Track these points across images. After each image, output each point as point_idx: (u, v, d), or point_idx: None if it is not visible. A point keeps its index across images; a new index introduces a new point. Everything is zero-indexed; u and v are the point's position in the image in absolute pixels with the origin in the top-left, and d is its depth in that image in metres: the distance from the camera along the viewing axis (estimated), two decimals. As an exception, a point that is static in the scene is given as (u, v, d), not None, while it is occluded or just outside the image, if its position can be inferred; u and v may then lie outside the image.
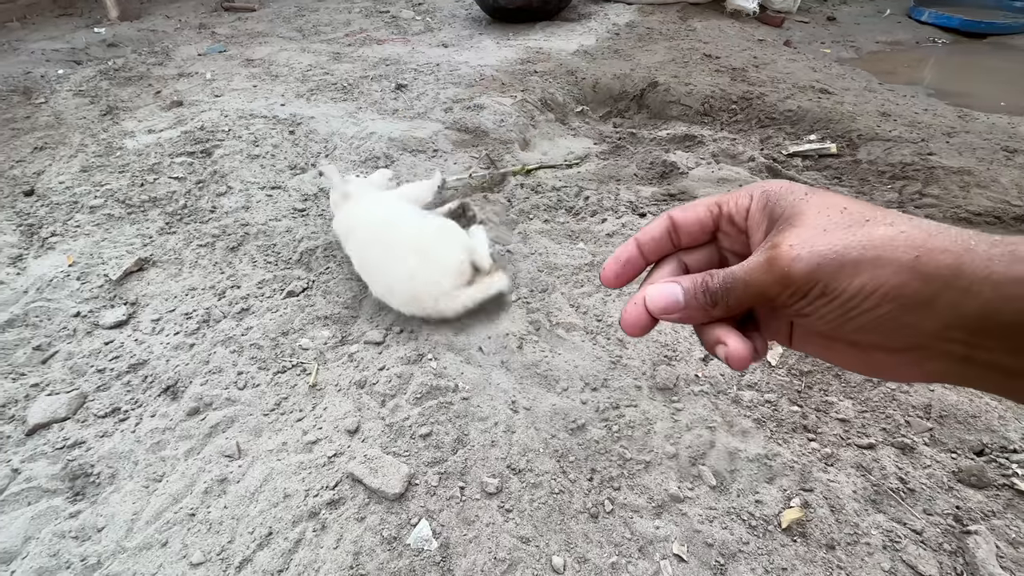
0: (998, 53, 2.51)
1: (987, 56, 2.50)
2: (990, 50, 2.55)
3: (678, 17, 2.83)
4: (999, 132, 1.60)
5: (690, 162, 1.63)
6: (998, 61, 2.43)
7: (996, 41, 2.62)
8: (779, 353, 0.95)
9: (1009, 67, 2.36)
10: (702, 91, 1.97)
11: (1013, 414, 0.81)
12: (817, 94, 1.88)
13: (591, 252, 1.23)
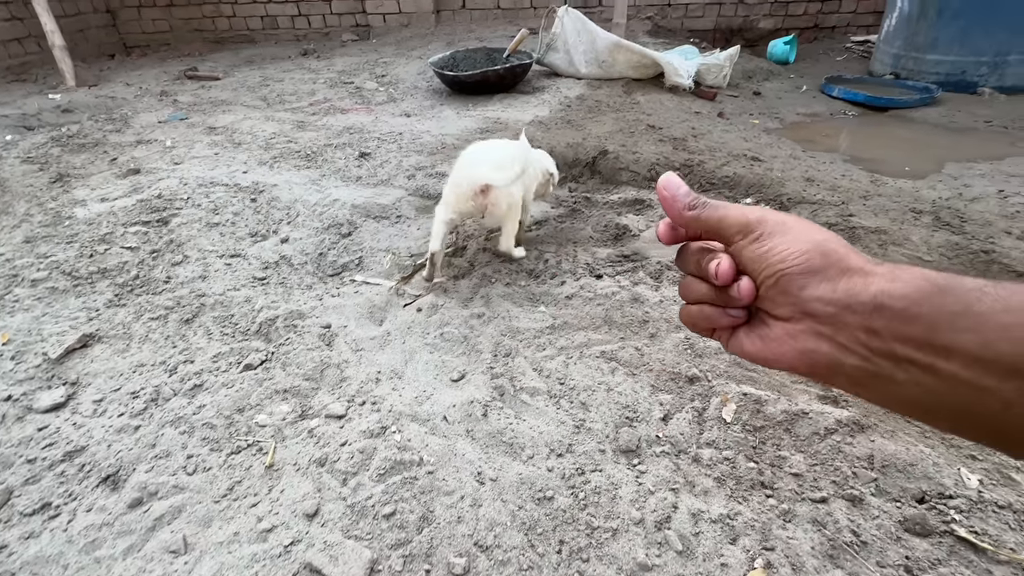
0: (899, 124, 2.87)
1: (891, 126, 2.85)
2: (892, 121, 2.91)
3: (623, 91, 3.10)
4: (906, 195, 1.80)
5: (640, 224, 1.74)
6: (900, 131, 2.77)
7: (896, 114, 2.99)
8: (733, 410, 0.99)
9: (910, 136, 2.69)
10: (648, 159, 2.14)
11: (945, 460, 0.87)
12: (749, 161, 2.08)
13: (552, 315, 1.28)
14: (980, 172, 2.11)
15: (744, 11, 5.15)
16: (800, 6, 5.11)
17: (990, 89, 3.12)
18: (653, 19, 5.25)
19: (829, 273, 0.29)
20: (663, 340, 1.17)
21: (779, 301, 0.31)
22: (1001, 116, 2.76)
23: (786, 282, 0.30)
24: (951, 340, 0.25)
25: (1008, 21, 2.94)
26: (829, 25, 5.19)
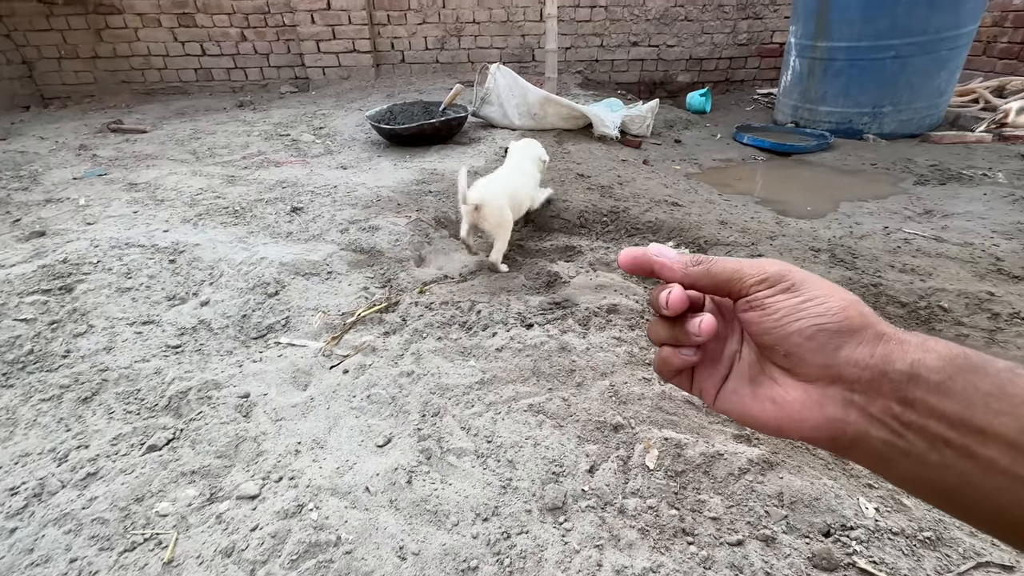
0: (801, 167, 3.18)
1: (794, 170, 3.15)
2: (795, 165, 3.23)
3: (555, 141, 3.27)
4: (806, 235, 1.98)
5: (571, 271, 1.81)
6: (802, 174, 3.07)
7: (798, 159, 3.32)
8: (656, 455, 1.01)
9: (810, 178, 2.98)
10: (578, 206, 2.24)
11: (846, 491, 0.92)
12: (670, 207, 2.23)
13: (482, 369, 1.28)
14: (868, 210, 2.36)
15: (664, 67, 5.64)
16: (712, 63, 5.66)
17: (873, 135, 3.55)
18: (583, 73, 5.64)
19: (866, 335, 0.27)
20: (589, 388, 1.19)
21: (809, 360, 0.28)
22: (883, 159, 3.13)
23: (823, 339, 0.27)
24: (987, 422, 0.23)
25: (878, 80, 3.39)
26: (738, 79, 5.77)
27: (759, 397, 0.31)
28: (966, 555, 0.81)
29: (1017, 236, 1.97)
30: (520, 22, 5.33)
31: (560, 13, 5.23)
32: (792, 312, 0.28)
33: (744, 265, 0.30)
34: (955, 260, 1.74)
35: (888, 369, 0.26)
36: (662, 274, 0.33)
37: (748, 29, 5.50)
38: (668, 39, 5.50)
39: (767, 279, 0.29)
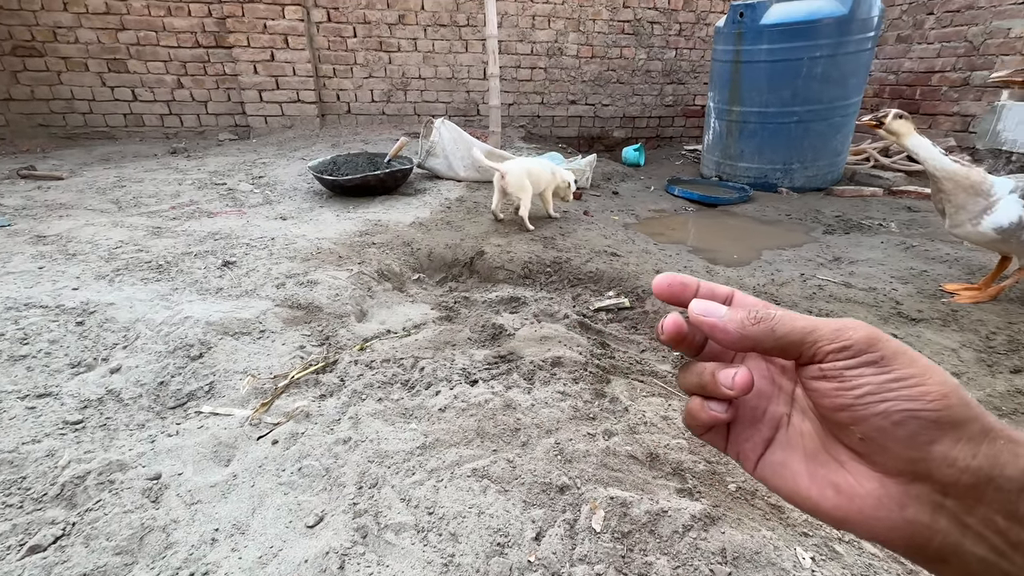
0: (727, 218, 3.44)
1: (721, 220, 3.41)
2: (722, 215, 3.49)
3: (500, 192, 3.36)
4: (733, 283, 2.11)
5: (516, 323, 1.81)
6: (728, 223, 3.33)
7: (724, 209, 3.60)
8: (602, 517, 1.00)
9: (735, 227, 3.23)
10: (521, 258, 2.28)
11: (784, 541, 0.94)
12: (609, 257, 2.32)
13: (424, 433, 1.22)
14: (786, 258, 2.57)
15: (600, 123, 6.05)
16: (644, 120, 6.14)
17: (786, 189, 3.93)
18: (526, 127, 5.92)
19: (970, 430, 0.22)
20: (534, 448, 1.17)
21: (893, 451, 0.23)
22: (796, 210, 3.46)
23: (915, 428, 0.22)
24: None
25: (786, 141, 3.80)
26: (668, 136, 6.28)
27: (818, 479, 0.26)
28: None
29: (911, 280, 2.20)
30: (464, 79, 5.57)
31: (502, 72, 5.53)
32: (879, 391, 0.23)
33: (820, 325, 0.25)
34: (862, 304, 1.92)
35: (996, 475, 0.21)
36: (714, 336, 0.28)
37: (673, 92, 6.04)
38: (603, 99, 5.93)
39: (849, 347, 0.24)
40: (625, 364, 1.57)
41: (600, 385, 1.41)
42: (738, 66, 3.78)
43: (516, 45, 5.55)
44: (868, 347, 0.24)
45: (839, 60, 3.48)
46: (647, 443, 1.17)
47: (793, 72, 3.57)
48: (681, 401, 1.37)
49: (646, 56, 5.81)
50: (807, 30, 3.43)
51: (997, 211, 1.76)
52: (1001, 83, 3.82)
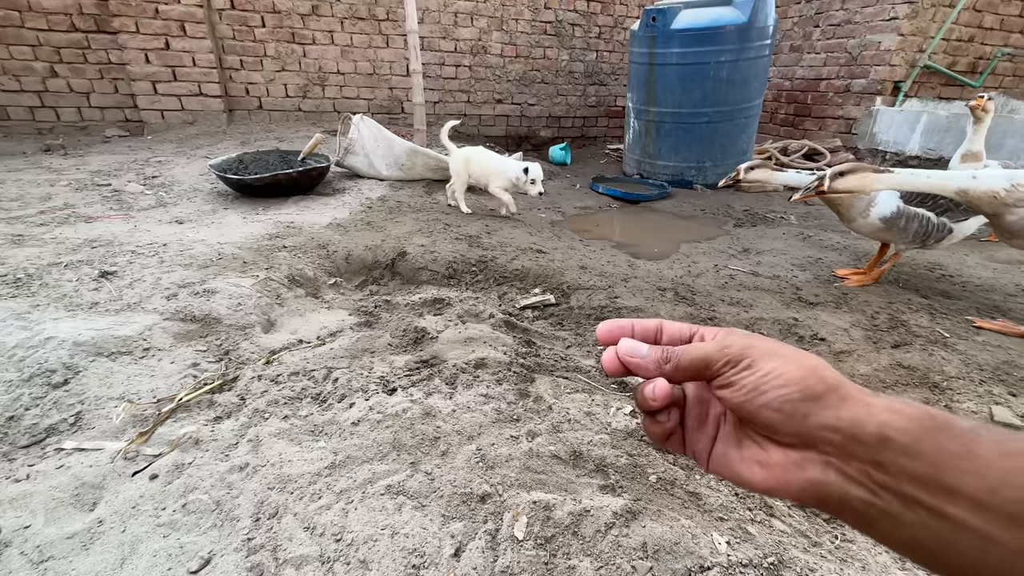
0: (648, 213, 3.57)
1: (642, 216, 3.53)
2: (643, 211, 3.62)
3: (425, 191, 3.26)
4: (654, 275, 2.18)
5: (439, 325, 1.74)
6: (649, 219, 3.45)
7: (645, 206, 3.74)
8: (524, 523, 0.96)
9: (656, 222, 3.35)
10: (446, 257, 2.21)
11: (701, 528, 0.95)
12: (535, 254, 2.31)
13: (333, 450, 1.12)
14: (702, 250, 2.70)
15: (527, 123, 6.09)
16: (569, 120, 6.27)
17: (700, 186, 4.16)
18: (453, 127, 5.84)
19: (830, 399, 0.28)
20: (455, 456, 1.11)
21: (783, 429, 0.29)
22: (710, 206, 3.67)
23: (790, 409, 0.29)
24: (956, 482, 0.24)
25: (698, 141, 4.02)
26: (592, 135, 6.45)
27: (747, 460, 0.33)
28: (802, 572, 0.87)
29: (809, 268, 2.39)
30: (387, 75, 5.38)
31: (426, 69, 5.40)
32: (756, 387, 0.30)
33: (710, 352, 0.33)
34: (768, 291, 2.04)
35: (858, 432, 0.27)
36: (638, 372, 0.35)
37: (596, 94, 6.22)
38: (529, 99, 5.98)
39: (730, 360, 0.31)
40: (550, 361, 1.55)
41: (524, 385, 1.38)
42: (653, 68, 3.95)
43: (439, 42, 5.44)
44: (742, 356, 0.31)
45: (741, 65, 3.73)
46: (570, 441, 1.15)
47: (702, 75, 3.78)
48: (604, 395, 1.37)
49: (568, 57, 5.93)
50: (713, 36, 3.65)
51: (878, 204, 1.96)
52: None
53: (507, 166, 2.76)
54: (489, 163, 2.78)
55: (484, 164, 2.78)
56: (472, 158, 2.78)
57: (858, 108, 4.95)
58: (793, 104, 5.64)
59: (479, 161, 2.78)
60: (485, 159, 2.79)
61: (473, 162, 2.77)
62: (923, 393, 1.42)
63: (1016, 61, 5.16)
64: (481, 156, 2.80)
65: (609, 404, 1.31)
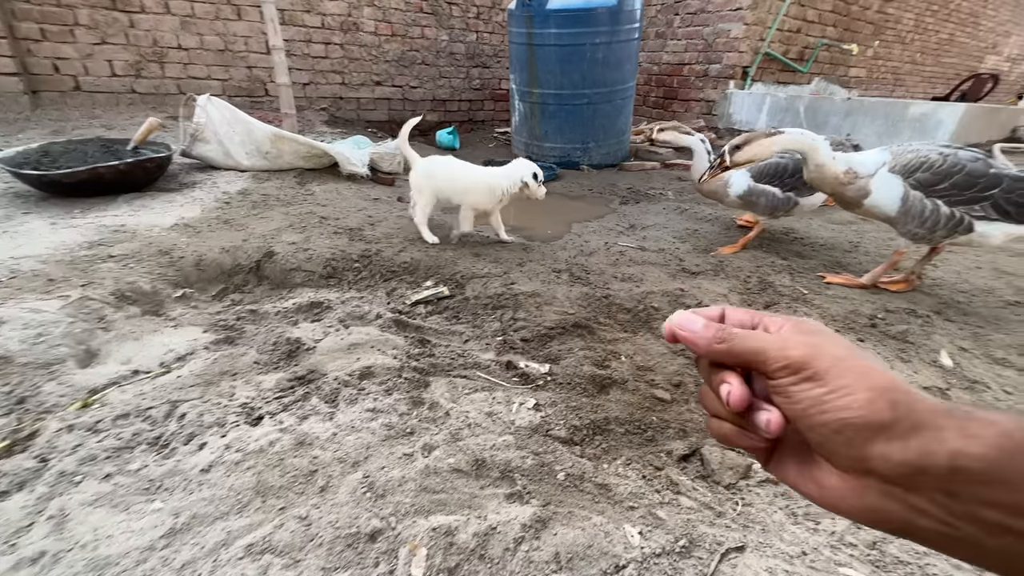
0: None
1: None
2: (535, 194, 3.60)
3: (296, 182, 2.90)
4: (549, 258, 2.14)
5: (318, 333, 1.52)
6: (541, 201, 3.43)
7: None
8: (424, 556, 0.83)
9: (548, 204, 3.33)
10: (323, 254, 1.96)
11: (613, 523, 0.90)
12: (425, 244, 2.14)
13: (173, 511, 0.89)
14: (592, 229, 2.74)
15: (411, 106, 5.78)
16: (455, 104, 6.08)
17: (587, 166, 4.27)
18: (328, 110, 5.34)
19: (899, 428, 0.25)
20: (337, 490, 0.94)
21: (840, 453, 0.27)
22: (597, 185, 3.77)
23: (851, 433, 0.26)
24: None
25: (581, 122, 4.11)
26: (480, 119, 6.34)
27: (803, 476, 0.30)
28: (711, 548, 0.86)
29: (688, 239, 2.53)
30: (243, 52, 4.73)
31: (290, 47, 4.85)
32: (816, 404, 0.27)
33: (767, 346, 0.30)
34: (655, 265, 2.12)
35: (926, 464, 0.24)
36: (688, 345, 0.33)
37: (479, 76, 6.10)
38: (411, 80, 5.68)
39: (789, 366, 0.28)
40: (447, 360, 1.42)
41: (418, 391, 1.24)
42: (532, 48, 3.92)
43: (303, 16, 4.91)
44: (803, 365, 0.28)
45: (614, 47, 3.85)
46: (472, 449, 1.04)
47: (579, 56, 3.83)
48: (506, 391, 1.28)
49: (448, 38, 5.71)
50: (586, 17, 3.70)
51: (733, 185, 2.22)
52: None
53: (494, 177, 2.14)
54: (464, 176, 2.18)
55: (457, 177, 2.18)
56: (436, 170, 2.17)
57: (716, 91, 5.44)
58: (662, 88, 6.04)
59: (449, 174, 2.17)
60: (457, 171, 2.19)
61: (439, 175, 2.16)
62: (793, 348, 1.54)
63: (832, 51, 6.03)
64: (451, 168, 2.20)
65: (511, 400, 1.22)
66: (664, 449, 1.13)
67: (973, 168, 1.63)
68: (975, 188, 1.63)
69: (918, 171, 1.68)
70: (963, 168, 1.64)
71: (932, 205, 1.67)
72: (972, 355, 1.51)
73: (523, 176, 2.11)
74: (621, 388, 1.33)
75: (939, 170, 1.65)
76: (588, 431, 1.15)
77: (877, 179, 1.73)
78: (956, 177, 1.64)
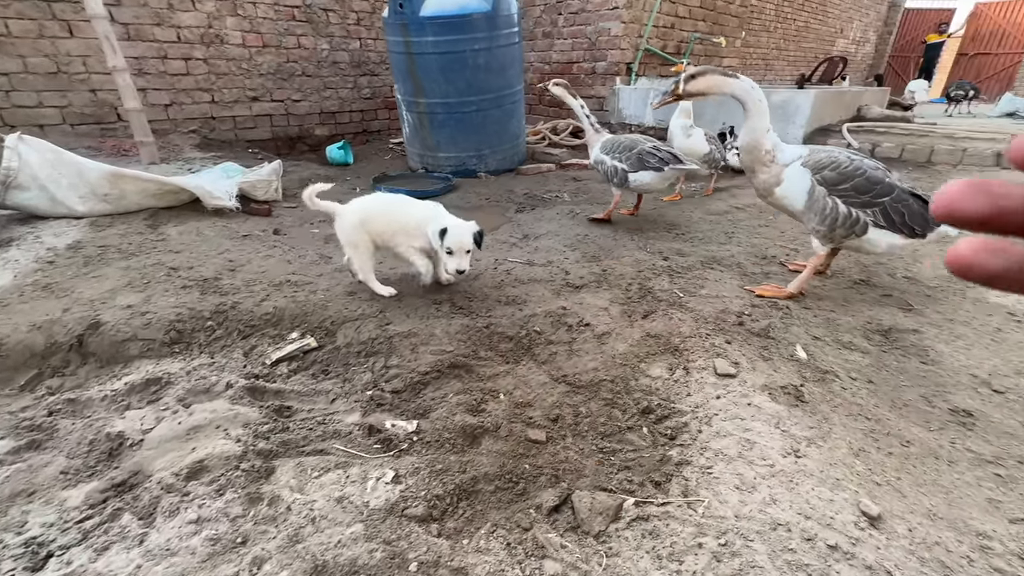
0: (435, 210, 3.44)
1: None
2: (430, 209, 3.46)
3: (147, 226, 2.55)
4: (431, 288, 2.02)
5: (149, 420, 1.30)
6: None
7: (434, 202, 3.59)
8: None
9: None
10: (166, 316, 1.71)
11: (465, 615, 0.82)
12: (293, 288, 1.95)
13: None
14: (485, 245, 2.66)
15: (297, 121, 5.40)
16: (345, 115, 5.76)
17: (484, 173, 4.20)
18: (199, 132, 4.83)
19: None
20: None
21: None
22: (494, 193, 3.71)
23: None
24: None
25: (473, 129, 4.02)
26: (375, 129, 6.06)
27: None
28: (571, 622, 0.81)
29: (578, 246, 2.53)
30: (82, 74, 4.15)
31: (142, 65, 4.35)
32: None
33: None
34: (540, 282, 2.08)
35: None
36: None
37: (369, 84, 5.82)
38: (292, 94, 5.29)
39: None
40: (303, 432, 1.27)
41: (257, 485, 1.08)
42: (412, 57, 3.77)
43: (153, 30, 4.38)
44: None
45: (495, 52, 3.80)
46: (312, 552, 0.91)
47: (461, 63, 3.74)
48: (363, 464, 1.16)
49: (329, 46, 5.38)
50: (462, 24, 3.61)
51: (593, 151, 2.80)
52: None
53: (425, 218, 1.83)
54: (398, 214, 1.86)
55: (391, 218, 1.85)
56: (371, 216, 1.83)
57: (604, 87, 5.59)
58: (555, 86, 6.11)
59: (382, 216, 1.84)
60: (390, 209, 1.87)
61: (374, 220, 1.83)
62: (668, 359, 1.56)
63: (704, 44, 6.43)
64: (384, 207, 1.88)
65: (368, 476, 1.11)
66: (534, 503, 1.07)
67: (872, 175, 1.74)
68: (871, 193, 1.73)
69: (826, 169, 1.77)
70: (864, 172, 1.74)
71: (832, 203, 1.76)
72: (824, 343, 1.62)
73: (435, 230, 1.76)
74: (494, 436, 1.26)
75: (844, 171, 1.75)
76: (452, 498, 1.06)
77: (790, 170, 1.81)
78: (857, 180, 1.74)
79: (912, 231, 1.71)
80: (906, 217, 1.70)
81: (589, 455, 1.23)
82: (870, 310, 1.83)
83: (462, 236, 1.75)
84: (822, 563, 0.90)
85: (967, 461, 1.15)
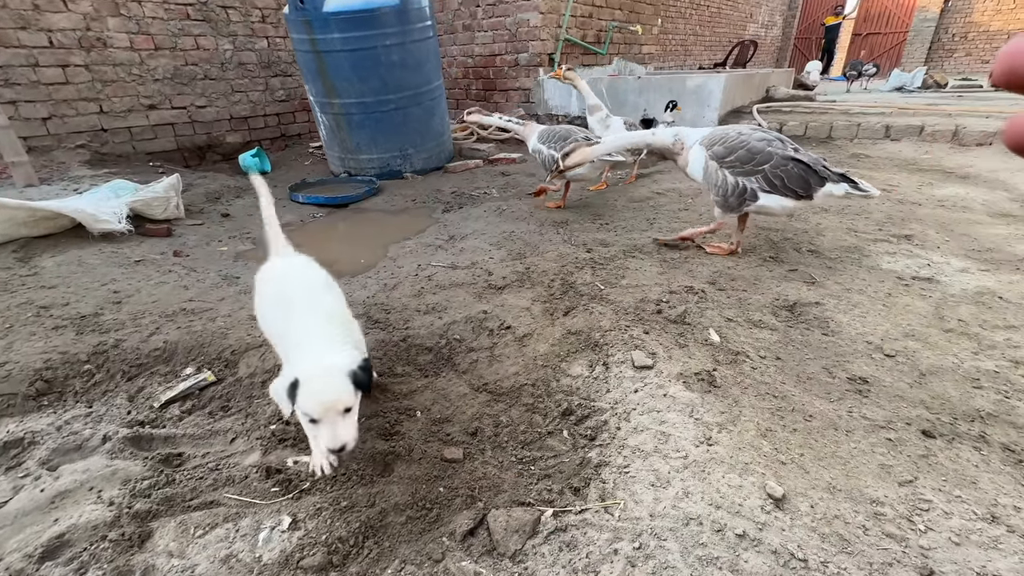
0: (357, 216, 3.28)
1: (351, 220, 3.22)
2: (352, 215, 3.31)
3: (15, 259, 2.25)
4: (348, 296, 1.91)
5: (3, 493, 1.13)
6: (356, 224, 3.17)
7: (355, 207, 3.44)
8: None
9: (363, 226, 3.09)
10: (31, 365, 1.50)
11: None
12: (188, 317, 1.78)
13: None
14: (409, 249, 2.56)
15: (204, 129, 5.00)
16: (259, 120, 5.40)
17: (409, 174, 4.06)
18: (89, 146, 4.36)
19: None
20: None
21: None
22: (420, 194, 3.59)
23: None
24: None
25: (393, 128, 3.87)
26: (295, 133, 5.73)
27: None
28: None
29: (503, 245, 2.48)
30: (-69, 89, 3.61)
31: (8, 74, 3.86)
32: None
33: None
34: (462, 286, 2.01)
35: None
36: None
37: (282, 86, 5.48)
38: (196, 99, 4.88)
39: None
40: (191, 484, 1.14)
41: (127, 556, 0.95)
42: (320, 56, 3.56)
43: (18, 34, 3.89)
44: None
45: (409, 48, 3.66)
46: (188, 626, 0.81)
47: (374, 61, 3.57)
48: (257, 513, 1.05)
49: (232, 47, 5.01)
50: (371, 19, 3.45)
51: (531, 142, 2.96)
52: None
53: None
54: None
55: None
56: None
57: (528, 79, 5.56)
58: (481, 79, 6.03)
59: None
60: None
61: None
62: (588, 356, 1.54)
63: (623, 32, 6.54)
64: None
65: (261, 525, 1.01)
66: (448, 529, 1.02)
67: (753, 145, 1.95)
68: (752, 162, 1.95)
69: (716, 144, 2.02)
70: (745, 144, 1.96)
71: (722, 175, 2.00)
72: (736, 323, 1.66)
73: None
74: (407, 461, 1.18)
75: (729, 144, 1.99)
76: (357, 538, 0.98)
77: (691, 150, 2.09)
78: (739, 152, 1.97)
79: (796, 194, 1.93)
80: (785, 181, 1.91)
81: (508, 467, 1.19)
82: (778, 286, 1.90)
83: (325, 392, 0.97)
84: (731, 554, 0.90)
85: (863, 429, 1.20)
